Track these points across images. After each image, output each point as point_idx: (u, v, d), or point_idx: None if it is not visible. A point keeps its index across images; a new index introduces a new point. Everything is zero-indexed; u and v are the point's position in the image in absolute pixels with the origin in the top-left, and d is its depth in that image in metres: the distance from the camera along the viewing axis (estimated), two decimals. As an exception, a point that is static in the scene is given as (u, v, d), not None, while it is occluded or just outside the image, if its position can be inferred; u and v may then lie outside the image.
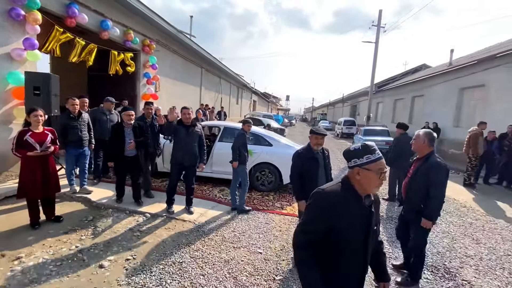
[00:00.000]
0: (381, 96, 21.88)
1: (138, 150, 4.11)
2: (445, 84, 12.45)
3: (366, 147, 1.32)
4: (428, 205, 2.50)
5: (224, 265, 2.84)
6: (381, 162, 1.29)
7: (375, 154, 1.29)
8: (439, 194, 2.47)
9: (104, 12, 6.52)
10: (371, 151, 1.30)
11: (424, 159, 2.61)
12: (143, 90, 8.58)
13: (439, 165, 2.50)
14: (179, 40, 10.11)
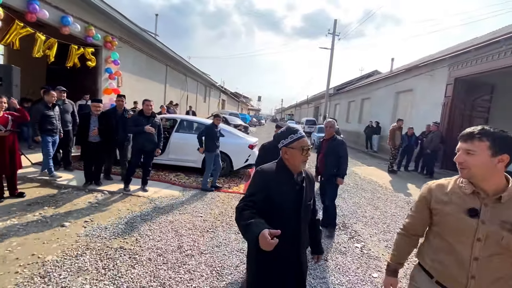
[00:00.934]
0: (338, 98, 23.82)
1: (102, 137, 4.63)
2: (385, 88, 14.28)
3: (289, 128, 1.49)
4: (340, 169, 3.58)
5: (169, 224, 3.57)
6: (302, 140, 1.43)
7: (297, 134, 1.45)
8: (346, 161, 3.59)
9: (65, 8, 6.80)
10: (293, 132, 1.46)
11: (332, 140, 3.63)
12: (105, 85, 8.85)
13: (343, 142, 3.66)
14: (142, 38, 10.46)
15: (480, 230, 1.06)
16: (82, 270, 2.44)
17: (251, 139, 6.76)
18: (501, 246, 1.04)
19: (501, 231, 1.03)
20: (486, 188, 1.09)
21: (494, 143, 1.04)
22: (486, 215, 1.06)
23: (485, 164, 1.05)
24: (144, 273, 2.48)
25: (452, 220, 1.13)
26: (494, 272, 1.07)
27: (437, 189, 1.22)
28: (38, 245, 2.78)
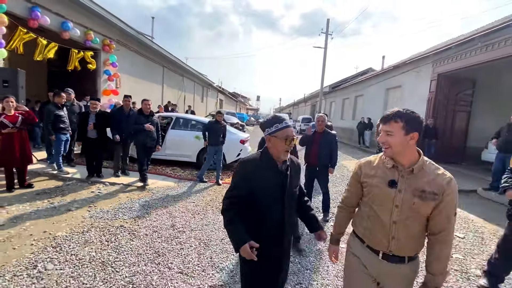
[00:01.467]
0: (333, 96, 24.23)
1: (99, 134, 5.04)
2: (377, 85, 14.70)
3: (275, 117, 1.47)
4: (332, 160, 3.97)
5: (164, 208, 3.99)
6: (287, 130, 1.42)
7: (282, 123, 1.43)
8: (337, 153, 4.00)
9: (65, 15, 7.20)
10: (279, 121, 1.44)
11: (325, 133, 3.97)
12: (104, 86, 9.25)
13: (335, 136, 4.06)
14: (139, 40, 10.86)
15: (397, 198, 1.23)
16: (88, 242, 2.86)
17: (243, 135, 7.17)
18: (413, 210, 1.22)
19: (413, 198, 1.21)
20: (403, 162, 1.25)
21: (407, 124, 1.20)
22: (402, 185, 1.23)
23: (401, 142, 1.21)
24: (141, 244, 2.89)
25: (377, 190, 1.29)
26: (408, 232, 1.25)
27: (365, 165, 1.38)
28: (48, 224, 3.20)
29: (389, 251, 1.28)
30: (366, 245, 1.36)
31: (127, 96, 5.53)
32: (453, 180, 1.22)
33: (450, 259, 3.06)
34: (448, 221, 1.21)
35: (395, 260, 1.28)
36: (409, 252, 1.28)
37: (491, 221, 4.31)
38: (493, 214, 4.60)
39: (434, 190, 1.19)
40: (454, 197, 1.21)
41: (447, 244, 1.23)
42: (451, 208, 1.21)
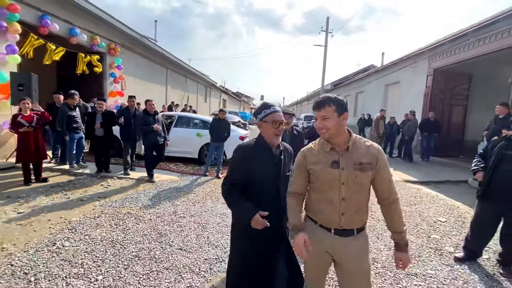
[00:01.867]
0: (335, 94, 24.28)
1: (105, 132, 5.41)
2: (376, 81, 14.85)
3: (264, 104, 1.57)
4: None
5: (167, 198, 4.34)
6: (275, 115, 1.52)
7: (271, 109, 1.53)
8: None
9: (73, 21, 7.62)
10: (267, 107, 1.54)
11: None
12: (110, 88, 9.68)
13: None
14: (142, 43, 11.28)
15: (342, 176, 1.33)
16: (99, 225, 3.22)
17: (242, 132, 7.49)
18: (357, 183, 1.33)
19: (354, 172, 1.33)
20: (339, 143, 1.37)
21: (338, 106, 1.34)
22: (343, 163, 1.34)
23: (337, 123, 1.33)
24: (146, 227, 3.24)
25: (323, 174, 1.37)
26: (356, 206, 1.36)
27: (308, 153, 1.46)
28: (64, 211, 3.57)
29: (340, 226, 1.38)
30: (319, 225, 1.44)
31: (131, 97, 5.88)
32: (381, 149, 1.41)
33: (428, 239, 3.34)
34: (390, 183, 1.38)
35: (346, 234, 1.39)
36: (357, 225, 1.40)
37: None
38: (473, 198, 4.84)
39: (369, 160, 1.35)
40: (386, 161, 1.39)
41: (397, 202, 1.39)
42: (387, 170, 1.38)
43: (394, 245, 1.43)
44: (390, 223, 1.41)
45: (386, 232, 3.47)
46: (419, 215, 4.17)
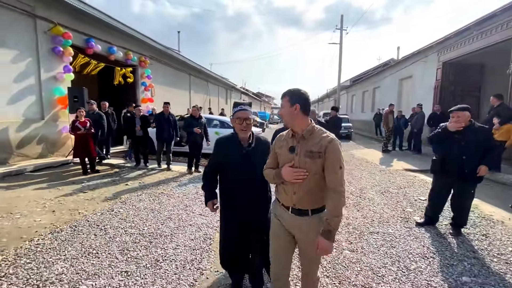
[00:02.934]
0: (354, 90, 24.40)
1: (143, 132, 6.61)
2: (391, 76, 14.99)
3: (235, 103, 1.86)
4: None
5: (191, 183, 5.38)
6: (239, 113, 1.80)
7: (237, 108, 1.81)
8: None
9: (111, 41, 9.04)
10: (236, 106, 1.84)
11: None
12: (142, 95, 11.10)
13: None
14: (168, 54, 12.64)
15: (295, 160, 1.48)
16: (141, 200, 4.31)
17: (255, 130, 8.40)
18: (307, 168, 1.46)
19: (305, 158, 1.45)
20: (297, 130, 1.51)
21: (290, 98, 1.48)
22: (298, 149, 1.48)
23: (289, 112, 1.49)
24: (175, 201, 4.27)
25: (283, 157, 1.55)
26: (305, 187, 1.48)
27: (278, 139, 1.64)
28: (114, 191, 4.73)
29: (294, 205, 1.53)
30: (281, 204, 1.61)
31: (166, 103, 6.67)
32: (334, 140, 1.45)
33: (402, 211, 4.00)
34: (335, 173, 1.43)
35: (300, 213, 1.53)
36: (310, 205, 1.52)
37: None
38: None
39: (318, 149, 1.44)
40: (336, 153, 1.43)
41: (338, 193, 1.42)
42: (334, 162, 1.43)
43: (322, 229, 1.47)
44: (327, 209, 1.48)
45: (367, 207, 4.19)
46: (404, 195, 4.79)
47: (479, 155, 3.01)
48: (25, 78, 6.46)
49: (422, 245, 2.98)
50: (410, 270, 2.50)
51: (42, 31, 6.76)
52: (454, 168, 3.12)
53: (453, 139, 3.16)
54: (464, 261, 2.67)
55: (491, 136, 3.12)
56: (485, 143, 3.01)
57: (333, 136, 1.49)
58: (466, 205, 3.20)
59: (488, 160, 2.99)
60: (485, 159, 2.98)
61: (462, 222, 3.27)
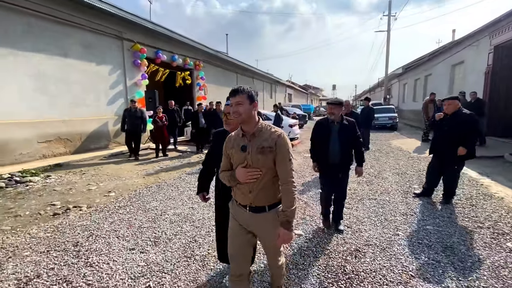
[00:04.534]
0: (406, 77, 23.00)
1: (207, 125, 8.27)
2: (443, 62, 14.10)
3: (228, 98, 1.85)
4: None
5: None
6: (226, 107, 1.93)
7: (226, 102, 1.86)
8: None
9: (173, 51, 11.03)
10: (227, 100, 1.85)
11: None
12: (197, 94, 13.07)
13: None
14: (218, 57, 14.40)
15: (248, 159, 1.52)
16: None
17: (291, 121, 9.43)
18: (260, 165, 1.51)
19: (257, 155, 1.50)
20: (248, 130, 1.56)
21: (248, 96, 1.53)
22: (249, 148, 1.53)
23: (248, 109, 1.52)
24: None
25: (236, 157, 1.58)
26: (260, 184, 1.53)
27: (228, 140, 1.66)
28: (181, 167, 6.39)
29: (251, 203, 1.56)
30: (238, 203, 1.63)
31: (218, 102, 8.22)
32: (282, 134, 1.54)
33: (409, 188, 4.67)
34: (285, 165, 1.50)
35: (258, 210, 1.57)
36: (266, 202, 1.56)
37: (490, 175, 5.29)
38: (499, 169, 5.52)
39: (269, 144, 1.50)
40: (285, 147, 1.51)
41: (289, 185, 1.50)
42: (284, 155, 1.50)
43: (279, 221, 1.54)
44: (282, 200, 1.55)
45: (377, 183, 4.95)
46: (418, 177, 5.31)
47: (460, 139, 3.59)
48: (117, 85, 8.71)
49: (408, 208, 3.75)
50: (386, 221, 3.37)
51: (127, 49, 8.92)
52: (440, 150, 3.78)
53: (440, 125, 3.80)
54: (437, 218, 3.40)
55: (473, 122, 3.62)
56: (466, 128, 3.57)
57: (281, 131, 1.57)
58: (451, 179, 3.83)
59: (467, 143, 3.56)
60: (465, 143, 3.56)
61: (450, 192, 3.89)
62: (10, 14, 5.88)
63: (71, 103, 7.27)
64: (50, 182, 5.11)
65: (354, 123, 3.00)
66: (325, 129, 3.00)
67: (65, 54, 7.03)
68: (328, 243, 2.88)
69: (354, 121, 3.02)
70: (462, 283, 2.19)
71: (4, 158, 5.79)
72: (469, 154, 3.60)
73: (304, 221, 3.42)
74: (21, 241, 2.94)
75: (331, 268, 2.44)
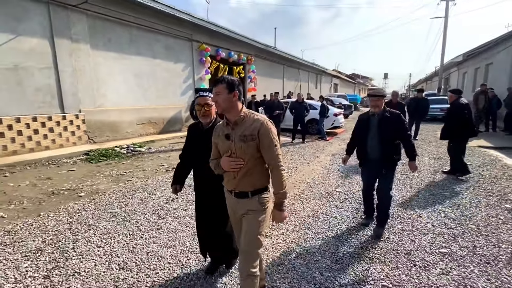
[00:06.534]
0: (466, 66, 21.34)
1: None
2: (506, 50, 13.14)
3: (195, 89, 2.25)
4: None
5: (288, 152, 8.03)
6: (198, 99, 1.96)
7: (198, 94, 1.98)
8: None
9: (229, 47, 12.55)
10: (197, 92, 2.03)
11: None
12: (248, 86, 14.55)
13: None
14: (267, 51, 15.59)
15: (232, 147, 1.59)
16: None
17: (337, 110, 10.28)
18: (243, 152, 1.57)
19: (240, 143, 1.56)
20: (231, 118, 1.61)
21: (228, 85, 1.56)
22: (233, 136, 1.59)
23: (227, 99, 1.56)
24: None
25: (221, 145, 1.66)
26: (243, 170, 1.59)
27: (215, 129, 1.73)
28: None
29: (234, 188, 1.65)
30: (227, 189, 1.74)
31: (276, 93, 9.40)
32: (265, 122, 1.59)
33: (440, 167, 5.40)
34: (271, 151, 1.57)
35: (241, 196, 1.64)
36: (249, 187, 1.62)
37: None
38: None
39: (251, 133, 1.56)
40: (268, 133, 1.56)
41: (277, 168, 1.58)
42: (269, 141, 1.56)
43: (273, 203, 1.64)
44: (273, 185, 1.63)
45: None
46: (452, 161, 5.92)
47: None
48: (188, 80, 10.57)
49: (432, 181, 4.61)
50: (412, 188, 4.32)
51: (195, 49, 10.67)
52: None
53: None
54: (456, 188, 4.22)
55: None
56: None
57: (264, 118, 1.60)
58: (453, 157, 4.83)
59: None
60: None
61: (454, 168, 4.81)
62: (116, 26, 7.85)
63: (157, 95, 9.26)
64: (153, 151, 7.03)
65: (399, 115, 2.73)
66: (365, 122, 2.88)
67: (154, 55, 8.98)
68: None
69: (399, 113, 2.75)
70: (457, 221, 3.14)
71: (117, 135, 7.96)
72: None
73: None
74: (155, 183, 4.64)
75: (361, 209, 3.58)
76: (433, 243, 2.68)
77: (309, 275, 2.25)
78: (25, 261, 2.40)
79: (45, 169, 5.32)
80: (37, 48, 6.10)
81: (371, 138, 2.81)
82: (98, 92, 7.42)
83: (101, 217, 3.28)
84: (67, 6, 6.47)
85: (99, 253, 2.54)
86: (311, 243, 2.75)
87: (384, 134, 2.73)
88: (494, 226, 3.02)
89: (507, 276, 2.19)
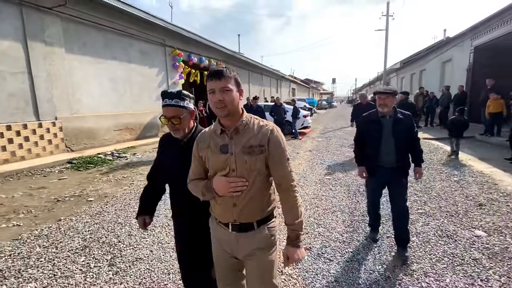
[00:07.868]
0: (403, 72, 24.79)
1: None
2: (436, 59, 15.89)
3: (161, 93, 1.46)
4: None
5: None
6: (164, 109, 1.42)
7: (164, 102, 1.43)
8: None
9: (201, 53, 12.80)
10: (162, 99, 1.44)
11: None
12: (218, 91, 14.89)
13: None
14: (234, 56, 16.17)
15: (231, 162, 1.15)
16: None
17: (305, 112, 11.33)
18: (247, 169, 1.15)
19: (243, 156, 1.14)
20: (230, 124, 1.19)
21: (235, 81, 1.16)
22: (232, 148, 1.16)
23: (235, 97, 1.15)
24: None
25: (213, 160, 1.19)
26: (248, 194, 1.17)
27: (199, 139, 1.27)
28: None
29: (234, 220, 1.20)
30: (218, 222, 1.27)
31: (255, 97, 10.06)
32: (275, 128, 1.21)
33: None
34: (283, 167, 1.19)
35: (244, 229, 1.21)
36: (255, 216, 1.21)
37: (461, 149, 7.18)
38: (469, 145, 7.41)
39: (260, 142, 1.17)
40: (280, 144, 1.19)
41: (290, 190, 1.20)
42: (280, 154, 1.19)
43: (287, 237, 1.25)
44: (285, 212, 1.23)
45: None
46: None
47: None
48: (162, 84, 10.53)
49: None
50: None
51: (168, 54, 10.70)
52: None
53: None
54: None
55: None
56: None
57: (272, 124, 1.23)
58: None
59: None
60: None
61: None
62: (91, 30, 7.60)
63: (133, 100, 9.09)
64: (139, 156, 6.98)
65: (411, 117, 2.49)
66: (376, 125, 2.48)
67: (129, 60, 8.83)
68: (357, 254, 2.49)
69: (410, 114, 2.51)
70: (423, 191, 4.07)
71: (95, 142, 7.64)
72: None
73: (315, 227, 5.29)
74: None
75: (351, 190, 4.33)
76: (412, 207, 3.51)
77: (331, 238, 2.84)
78: (78, 257, 2.53)
79: (30, 179, 5.04)
80: (9, 51, 5.69)
81: (385, 143, 2.44)
82: (74, 97, 7.09)
83: (127, 216, 3.43)
84: (40, 8, 6.16)
85: (148, 242, 2.77)
86: (323, 216, 3.36)
87: (400, 138, 2.41)
88: (449, 193, 4.02)
89: (466, 222, 3.09)
